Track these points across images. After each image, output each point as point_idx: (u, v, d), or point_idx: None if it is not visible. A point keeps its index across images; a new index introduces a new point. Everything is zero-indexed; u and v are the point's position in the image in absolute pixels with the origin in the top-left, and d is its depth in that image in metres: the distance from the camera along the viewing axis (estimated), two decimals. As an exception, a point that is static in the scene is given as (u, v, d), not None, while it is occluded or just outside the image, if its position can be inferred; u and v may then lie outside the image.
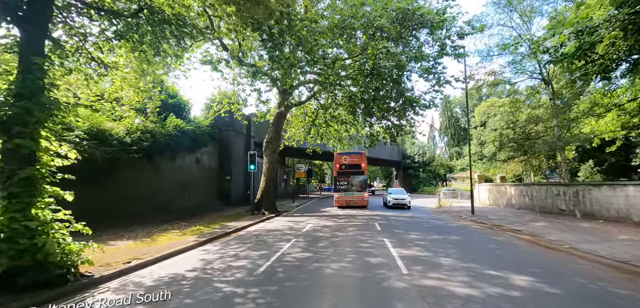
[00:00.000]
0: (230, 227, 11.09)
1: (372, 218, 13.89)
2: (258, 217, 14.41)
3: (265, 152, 17.48)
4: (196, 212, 16.32)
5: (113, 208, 11.02)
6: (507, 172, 24.45)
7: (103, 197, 10.72)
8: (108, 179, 11.08)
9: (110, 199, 11.03)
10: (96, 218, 10.18)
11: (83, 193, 6.00)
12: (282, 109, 17.93)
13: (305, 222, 12.99)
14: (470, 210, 17.56)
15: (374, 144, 21.65)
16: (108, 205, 10.83)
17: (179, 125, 15.51)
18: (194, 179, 17.75)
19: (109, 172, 10.90)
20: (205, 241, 8.65)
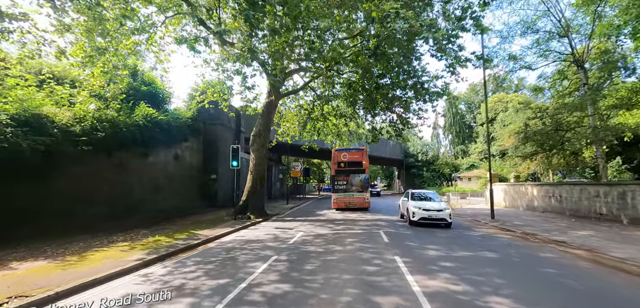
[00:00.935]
0: (200, 237, 8.86)
1: (376, 225, 11.67)
2: (241, 222, 12.19)
3: (252, 146, 15.25)
4: (173, 215, 14.13)
5: (46, 212, 8.79)
6: (522, 170, 22.24)
7: (29, 198, 8.50)
8: (42, 176, 8.84)
9: (42, 201, 8.79)
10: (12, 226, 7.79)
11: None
12: (272, 98, 15.72)
13: (296, 229, 10.77)
14: (487, 214, 15.35)
15: (377, 138, 19.45)
16: (36, 209, 8.60)
17: (150, 115, 13.28)
18: (171, 178, 15.53)
19: (43, 167, 8.66)
20: (153, 260, 6.43)
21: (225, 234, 9.81)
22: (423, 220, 10.91)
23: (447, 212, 10.92)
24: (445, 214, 10.88)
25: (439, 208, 11.03)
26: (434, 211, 10.91)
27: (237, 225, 11.53)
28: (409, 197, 12.63)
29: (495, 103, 41.45)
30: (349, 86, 16.01)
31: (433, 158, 44.75)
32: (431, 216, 10.88)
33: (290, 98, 19.75)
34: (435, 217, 10.86)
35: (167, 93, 17.12)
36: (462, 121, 48.45)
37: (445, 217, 10.83)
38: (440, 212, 10.89)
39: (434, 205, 11.33)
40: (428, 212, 10.93)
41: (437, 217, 10.86)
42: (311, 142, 21.78)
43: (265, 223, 12.78)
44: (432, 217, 10.87)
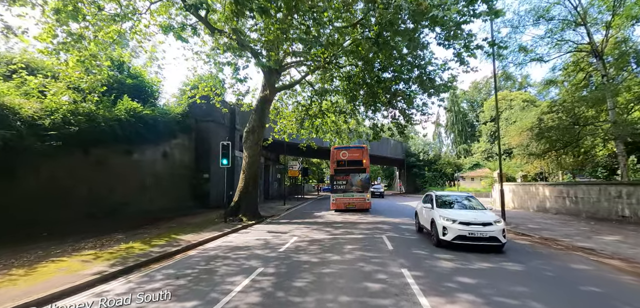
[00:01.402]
0: (181, 243, 7.87)
1: (378, 228, 10.67)
2: (231, 225, 11.20)
3: (245, 144, 14.26)
4: (161, 217, 13.15)
5: (5, 216, 7.81)
6: (529, 170, 21.25)
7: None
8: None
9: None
10: None
11: None
12: (267, 92, 14.71)
13: (290, 233, 9.78)
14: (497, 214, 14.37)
15: (378, 136, 18.52)
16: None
17: (134, 110, 12.29)
18: (159, 177, 14.55)
19: (2, 163, 7.68)
20: (116, 273, 5.44)
21: (211, 239, 8.81)
22: (461, 241, 6.89)
23: (499, 226, 6.92)
24: (497, 231, 6.80)
25: (486, 220, 7.00)
26: (478, 225, 6.89)
27: (227, 228, 10.53)
28: (433, 202, 8.47)
29: (499, 101, 40.49)
30: (348, 80, 15.03)
31: (435, 157, 43.74)
32: (474, 233, 6.81)
33: (287, 94, 18.78)
34: (481, 234, 6.79)
35: (156, 87, 16.14)
36: (465, 120, 47.43)
37: (497, 235, 6.78)
38: (489, 228, 6.84)
39: (477, 215, 7.29)
40: (469, 227, 6.90)
41: (484, 236, 6.78)
42: (309, 140, 20.82)
43: (258, 226, 11.79)
44: (475, 235, 6.79)
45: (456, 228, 7.03)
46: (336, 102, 18.94)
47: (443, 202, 8.59)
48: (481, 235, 6.82)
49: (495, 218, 7.22)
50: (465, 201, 8.75)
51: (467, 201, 8.74)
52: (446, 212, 7.68)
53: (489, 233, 6.82)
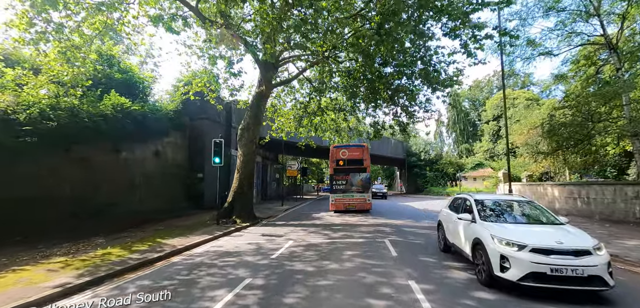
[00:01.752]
0: (165, 248, 7.20)
1: (380, 231, 10.00)
2: (223, 228, 10.53)
3: (239, 141, 13.60)
4: (151, 218, 12.51)
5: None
6: (534, 169, 20.59)
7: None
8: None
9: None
10: None
11: None
12: (263, 88, 14.06)
13: (286, 236, 9.11)
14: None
15: (379, 135, 17.85)
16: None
17: (121, 106, 11.62)
18: (150, 177, 13.87)
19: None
20: (84, 284, 4.77)
21: (200, 244, 8.14)
22: (538, 282, 4.01)
23: (601, 257, 4.08)
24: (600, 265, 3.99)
25: (578, 246, 4.21)
26: (567, 256, 4.07)
27: (218, 231, 9.86)
28: (473, 211, 5.54)
29: (501, 100, 39.80)
30: (348, 75, 14.37)
31: (436, 157, 43.05)
32: (561, 268, 3.98)
33: (285, 91, 18.11)
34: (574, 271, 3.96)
35: (147, 83, 15.46)
36: (467, 119, 46.77)
37: (600, 273, 3.96)
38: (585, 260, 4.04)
39: (560, 236, 4.43)
40: (550, 258, 4.06)
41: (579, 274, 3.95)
42: (308, 139, 20.16)
43: (252, 229, 11.11)
44: (563, 273, 3.97)
45: (527, 259, 4.10)
46: (336, 100, 18.29)
47: (491, 210, 5.53)
48: (574, 272, 3.93)
49: (592, 242, 4.29)
50: (526, 208, 5.63)
51: (530, 208, 5.61)
52: (503, 230, 4.71)
53: (587, 270, 3.94)
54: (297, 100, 18.23)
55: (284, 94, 18.32)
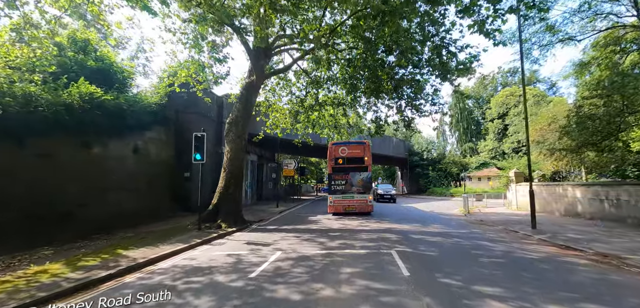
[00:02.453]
0: (122, 263, 5.84)
1: (384, 238, 8.63)
2: (204, 234, 9.18)
3: (226, 137, 12.26)
4: (125, 222, 11.19)
5: None
6: (548, 168, 19.21)
7: None
8: None
9: None
10: None
11: None
12: (253, 78, 12.72)
13: (274, 245, 7.75)
14: (521, 221, 12.34)
15: (381, 131, 16.54)
16: None
17: (91, 95, 10.26)
18: (128, 176, 12.50)
19: None
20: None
21: (169, 256, 6.77)
22: None
23: None
24: None
25: None
26: None
27: (196, 239, 8.50)
28: None
29: (507, 97, 38.43)
30: (348, 64, 13.02)
31: (439, 156, 41.65)
32: None
33: (280, 85, 16.74)
34: None
35: (127, 73, 14.08)
36: (471, 117, 45.37)
37: None
38: None
39: None
40: None
41: None
42: (304, 136, 18.82)
43: (238, 235, 9.76)
44: None
45: None
46: (335, 94, 16.93)
47: None
48: None
49: None
50: None
51: None
52: None
53: None
54: (294, 94, 16.87)
55: (280, 88, 16.96)
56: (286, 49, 15.07)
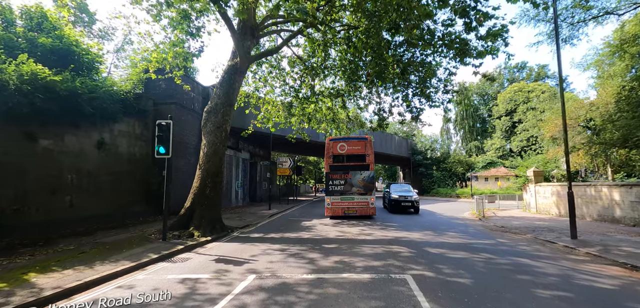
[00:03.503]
0: (14, 298, 3.99)
1: (392, 253, 6.77)
2: (168, 247, 7.32)
3: (203, 127, 10.41)
4: (80, 229, 9.38)
5: None
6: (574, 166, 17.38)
7: None
8: None
9: None
10: None
11: None
12: (237, 60, 10.86)
13: (248, 267, 5.89)
14: (551, 227, 10.49)
15: (384, 124, 14.75)
16: None
17: (35, 76, 8.41)
18: (89, 174, 10.66)
19: None
20: None
21: (98, 282, 4.91)
22: None
23: None
24: None
25: None
26: None
27: (154, 253, 6.64)
28: None
29: (515, 93, 36.55)
30: (348, 42, 11.17)
31: (443, 155, 39.75)
32: None
33: (273, 74, 14.88)
34: None
35: (93, 56, 12.20)
36: (476, 114, 43.47)
37: None
38: None
39: None
40: None
41: None
42: (299, 130, 16.97)
43: (211, 247, 7.90)
44: None
45: None
46: (332, 83, 15.09)
47: None
48: None
49: None
50: None
51: None
52: None
53: None
54: (288, 83, 15.02)
55: (272, 78, 15.11)
56: (278, 30, 13.25)
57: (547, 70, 40.38)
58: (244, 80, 14.83)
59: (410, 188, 17.72)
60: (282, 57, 14.75)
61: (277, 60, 14.80)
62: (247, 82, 15.01)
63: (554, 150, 18.26)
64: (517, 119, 35.13)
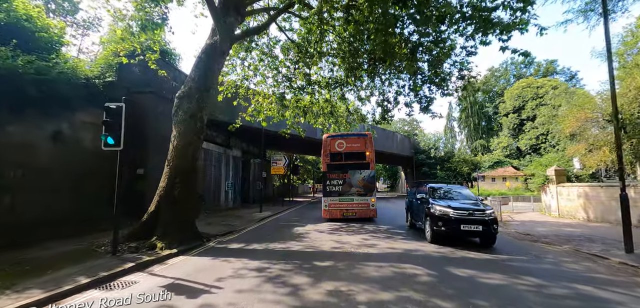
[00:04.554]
0: None
1: (403, 273, 5.12)
2: (111, 265, 5.65)
3: (174, 116, 8.75)
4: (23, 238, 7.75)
5: None
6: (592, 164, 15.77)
7: None
8: None
9: None
10: None
11: None
12: (216, 38, 9.21)
13: (207, 299, 4.21)
14: (587, 235, 8.84)
15: (388, 117, 13.17)
16: None
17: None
18: (38, 172, 8.98)
19: None
20: None
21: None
22: None
23: None
24: None
25: None
26: None
27: (86, 276, 4.96)
28: None
29: (523, 89, 34.87)
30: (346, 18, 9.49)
31: (448, 154, 38.05)
32: None
33: (265, 63, 13.25)
34: None
35: (54, 34, 10.51)
36: (482, 112, 41.76)
37: None
38: None
39: None
40: None
41: None
42: (294, 125, 15.33)
43: (173, 263, 6.23)
44: None
45: None
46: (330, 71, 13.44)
47: None
48: None
49: None
50: None
51: None
52: None
53: None
54: (281, 72, 13.39)
55: (264, 67, 13.47)
56: (268, 8, 11.62)
57: (556, 65, 38.70)
58: (232, 68, 13.23)
59: (470, 193, 9.61)
60: (274, 43, 13.14)
61: (269, 47, 13.18)
62: (236, 71, 13.40)
63: (574, 147, 16.61)
64: (525, 116, 33.45)
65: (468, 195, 9.36)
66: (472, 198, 9.00)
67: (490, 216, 7.53)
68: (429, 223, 8.20)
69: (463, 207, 7.77)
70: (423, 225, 8.96)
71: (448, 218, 7.64)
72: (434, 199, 8.74)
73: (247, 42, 12.35)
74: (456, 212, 7.63)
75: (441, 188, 10.01)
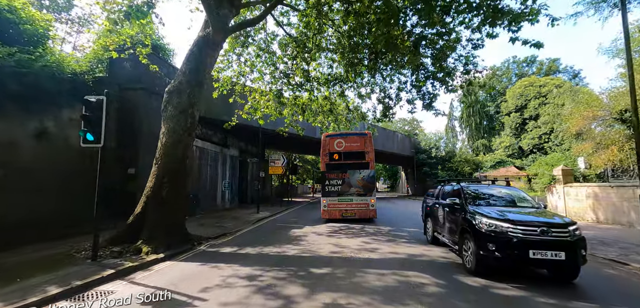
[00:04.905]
0: None
1: (407, 278, 4.66)
2: (91, 272, 5.17)
3: (163, 112, 8.27)
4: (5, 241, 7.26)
5: None
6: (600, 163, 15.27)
7: None
8: None
9: None
10: None
11: None
12: (209, 30, 8.73)
13: None
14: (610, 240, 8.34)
15: (390, 114, 12.74)
16: None
17: None
18: (20, 172, 8.51)
19: None
20: None
21: None
22: None
23: None
24: None
25: None
26: None
27: (59, 286, 4.49)
28: None
29: (526, 87, 34.40)
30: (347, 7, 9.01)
31: (449, 154, 37.56)
32: None
33: (262, 59, 12.79)
34: None
35: (39, 26, 10.03)
36: (484, 111, 41.26)
37: None
38: None
39: None
40: None
41: None
42: (293, 123, 14.87)
43: (158, 269, 5.75)
44: None
45: None
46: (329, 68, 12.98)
47: None
48: None
49: None
50: None
51: None
52: None
53: None
54: (278, 68, 12.94)
55: (261, 64, 13.02)
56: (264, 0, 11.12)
57: (558, 63, 38.20)
58: (227, 64, 12.76)
59: (524, 194, 6.65)
60: (272, 39, 12.68)
61: (266, 43, 12.71)
62: (232, 68, 12.93)
63: (580, 146, 16.14)
64: (528, 115, 32.97)
65: (520, 196, 6.41)
66: (530, 203, 6.10)
67: (576, 235, 4.72)
68: (472, 243, 5.17)
69: (527, 221, 4.84)
70: (455, 244, 6.10)
71: (505, 238, 4.71)
72: (475, 205, 5.86)
73: (244, 37, 11.90)
74: (518, 227, 4.72)
75: (479, 189, 6.98)
